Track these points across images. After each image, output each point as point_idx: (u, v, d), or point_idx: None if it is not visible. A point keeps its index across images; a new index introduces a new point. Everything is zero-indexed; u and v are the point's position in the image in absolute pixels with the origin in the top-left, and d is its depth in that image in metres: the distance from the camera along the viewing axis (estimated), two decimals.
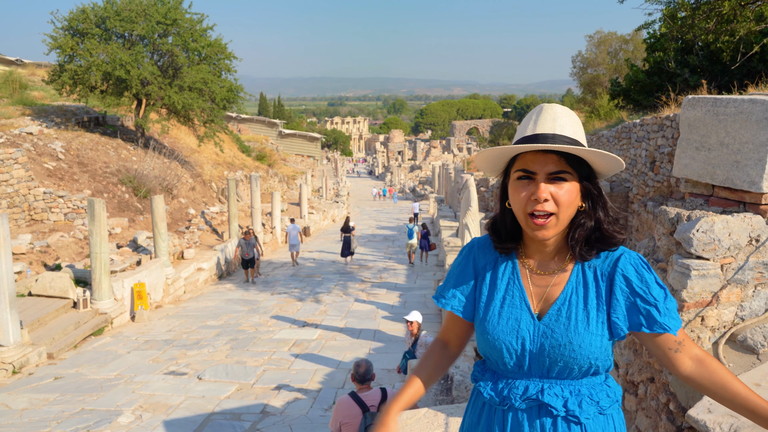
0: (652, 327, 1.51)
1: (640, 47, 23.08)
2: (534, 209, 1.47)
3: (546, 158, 1.48)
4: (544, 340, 1.54)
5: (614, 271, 1.55)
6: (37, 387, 7.97)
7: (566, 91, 66.27)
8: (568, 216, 1.51)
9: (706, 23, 9.99)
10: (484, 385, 1.66)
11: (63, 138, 17.07)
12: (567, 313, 1.54)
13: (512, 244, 1.65)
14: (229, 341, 10.09)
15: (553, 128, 1.50)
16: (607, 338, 1.54)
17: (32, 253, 12.13)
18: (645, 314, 1.51)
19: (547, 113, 1.53)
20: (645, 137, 9.04)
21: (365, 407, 4.33)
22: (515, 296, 1.61)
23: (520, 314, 1.58)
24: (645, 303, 1.52)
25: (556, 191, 1.47)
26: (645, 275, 1.54)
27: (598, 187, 1.55)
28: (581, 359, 1.51)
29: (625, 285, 1.54)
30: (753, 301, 3.12)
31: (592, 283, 1.56)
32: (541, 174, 1.47)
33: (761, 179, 3.03)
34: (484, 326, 1.62)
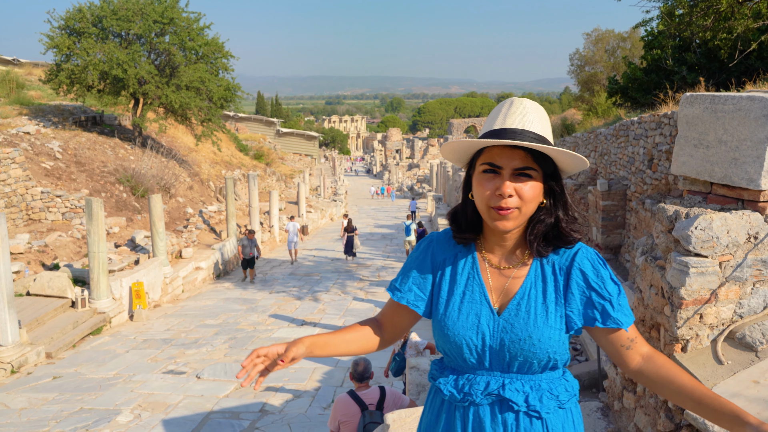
0: (606, 322, 1.52)
1: (637, 45, 23.08)
2: (498, 204, 1.47)
3: (513, 153, 1.47)
4: (504, 334, 1.54)
5: (571, 265, 1.56)
6: (35, 386, 7.96)
7: (564, 88, 66.32)
8: (530, 211, 1.51)
9: (704, 20, 10.00)
10: (444, 382, 1.63)
11: (60, 137, 17.04)
12: (526, 307, 1.54)
13: (471, 235, 1.64)
14: (228, 340, 10.08)
15: (522, 123, 1.49)
16: (565, 332, 1.55)
17: (30, 253, 12.11)
18: (600, 309, 1.53)
19: (517, 108, 1.52)
20: (643, 135, 9.04)
21: (364, 405, 4.33)
22: (475, 291, 1.61)
23: (480, 309, 1.58)
24: (600, 298, 1.53)
25: (520, 187, 1.47)
26: (601, 270, 1.55)
27: (561, 185, 1.56)
28: (541, 353, 1.52)
29: (582, 279, 1.55)
30: (751, 299, 3.13)
31: (550, 277, 1.57)
32: (507, 169, 1.47)
33: (759, 176, 3.03)
34: (444, 322, 1.61)
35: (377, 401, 4.38)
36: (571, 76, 28.06)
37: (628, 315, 1.54)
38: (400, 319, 1.76)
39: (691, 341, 3.13)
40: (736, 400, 2.63)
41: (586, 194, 11.21)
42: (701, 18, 9.97)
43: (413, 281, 1.70)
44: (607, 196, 9.96)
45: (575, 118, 24.72)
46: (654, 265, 3.44)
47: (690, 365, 3.01)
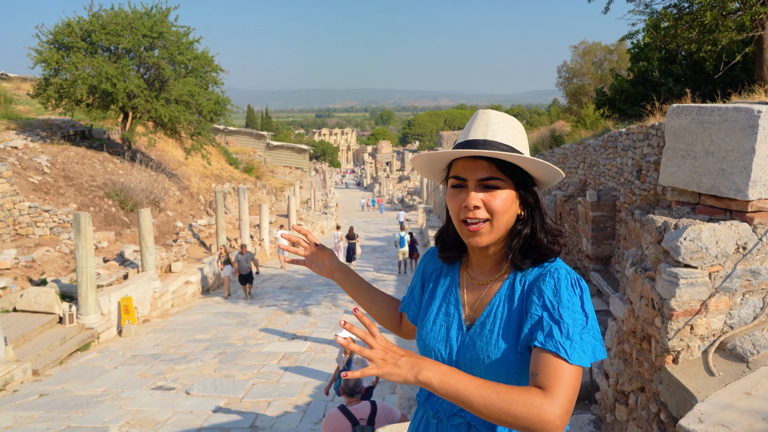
0: (546, 344, 1.34)
1: (624, 57, 23.32)
2: (466, 216, 1.45)
3: (476, 164, 1.45)
4: (467, 351, 1.51)
5: (534, 283, 1.46)
6: (21, 404, 7.83)
7: (552, 101, 66.83)
8: (504, 223, 1.46)
9: (689, 33, 10.12)
10: (419, 396, 1.65)
11: (48, 152, 16.93)
12: (490, 326, 1.49)
13: (455, 254, 1.65)
14: (218, 355, 9.99)
15: (485, 134, 1.48)
16: (527, 355, 1.42)
17: (17, 268, 11.97)
18: (545, 330, 1.36)
19: (481, 119, 1.51)
20: (631, 146, 9.10)
21: (354, 420, 4.29)
22: (450, 304, 1.61)
23: (452, 323, 1.57)
24: (550, 318, 1.37)
25: (488, 198, 1.44)
26: (562, 292, 1.40)
27: (536, 196, 1.51)
28: (499, 376, 1.43)
29: (537, 297, 1.42)
30: (741, 309, 3.13)
31: (518, 297, 1.48)
32: (471, 181, 1.45)
33: (747, 187, 3.05)
34: (419, 332, 1.64)
35: (368, 416, 4.34)
36: (560, 88, 28.31)
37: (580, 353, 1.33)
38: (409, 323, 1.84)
39: (683, 353, 3.12)
40: (729, 412, 2.62)
41: (576, 205, 11.26)
42: (686, 30, 10.09)
43: (412, 292, 1.79)
44: (597, 207, 10.01)
45: (564, 130, 24.89)
46: (644, 276, 3.44)
47: (681, 377, 3.00)
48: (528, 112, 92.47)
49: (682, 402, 2.94)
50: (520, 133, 1.53)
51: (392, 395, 7.73)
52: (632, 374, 3.66)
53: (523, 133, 1.55)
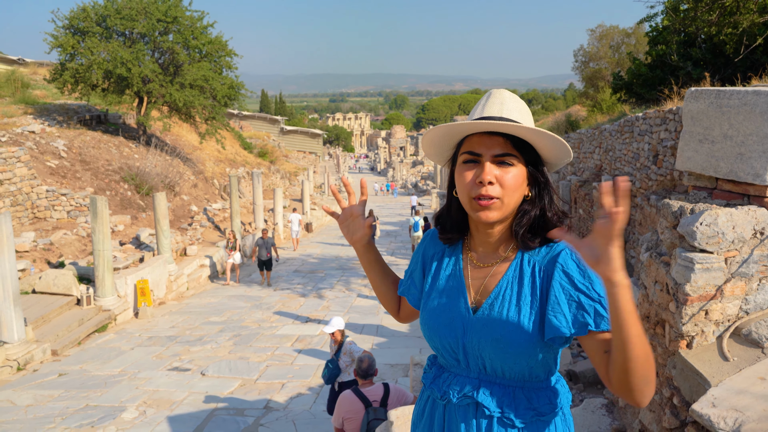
0: (600, 325, 1.37)
1: (642, 41, 22.98)
2: (479, 193, 1.42)
3: (492, 140, 1.45)
4: (476, 335, 1.49)
5: (554, 267, 1.45)
6: (41, 383, 7.99)
7: (568, 85, 66.11)
8: (514, 201, 1.46)
9: (709, 15, 9.94)
10: (425, 378, 1.66)
11: (65, 136, 17.08)
12: (499, 308, 1.48)
13: (456, 235, 1.62)
14: (232, 337, 10.10)
15: (500, 111, 1.48)
16: (539, 339, 1.43)
17: (36, 251, 12.15)
18: (592, 313, 1.38)
19: (495, 98, 1.52)
20: (648, 131, 9.00)
21: (368, 402, 4.33)
22: (454, 288, 1.58)
23: (457, 307, 1.55)
24: (589, 300, 1.39)
25: (501, 174, 1.43)
26: (587, 271, 1.42)
27: (546, 175, 1.52)
28: (510, 359, 1.44)
29: (567, 282, 1.42)
30: (758, 295, 3.11)
31: (528, 279, 1.48)
32: (486, 156, 1.44)
33: (765, 171, 3.01)
34: (423, 317, 1.62)
35: (381, 398, 4.38)
36: (576, 73, 27.98)
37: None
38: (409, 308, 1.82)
39: (697, 338, 3.11)
40: (742, 397, 2.61)
41: (591, 191, 11.18)
42: (706, 13, 9.91)
43: (412, 275, 1.74)
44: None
45: (580, 115, 24.65)
46: (659, 262, 3.43)
47: (695, 362, 2.99)
48: (543, 96, 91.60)
49: (695, 386, 2.93)
50: (529, 114, 1.53)
51: (405, 378, 7.78)
52: None
53: (531, 115, 1.55)
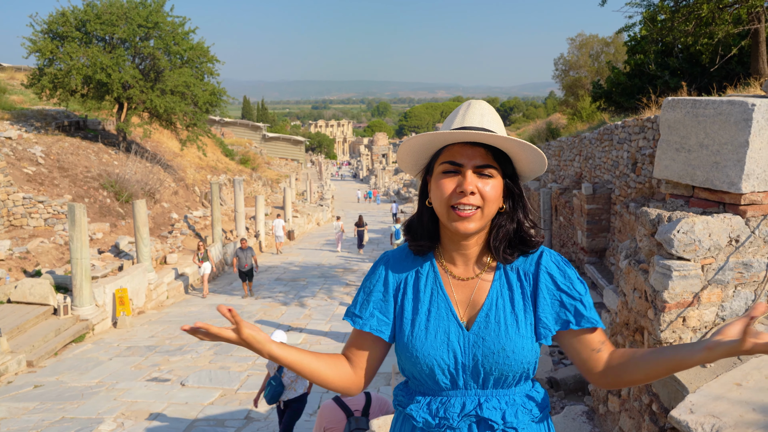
0: (580, 322, 1.48)
1: (621, 50, 23.32)
2: (459, 202, 1.41)
3: (474, 151, 1.44)
4: (476, 349, 1.46)
5: (538, 269, 1.52)
6: (16, 396, 7.83)
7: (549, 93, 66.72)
8: (491, 212, 1.46)
9: (685, 26, 10.12)
10: (416, 408, 1.52)
11: (43, 142, 16.85)
12: (495, 318, 1.48)
13: (427, 243, 1.56)
14: (213, 346, 10.00)
15: (481, 122, 1.47)
16: (535, 340, 1.49)
17: (11, 260, 11.93)
18: (572, 311, 1.48)
19: (476, 108, 1.50)
20: (627, 139, 9.12)
21: (349, 412, 4.30)
22: (441, 307, 1.52)
23: (448, 325, 1.49)
24: (570, 299, 1.49)
25: (481, 186, 1.42)
26: (567, 271, 1.52)
27: (520, 188, 1.52)
28: (515, 365, 1.46)
29: (551, 282, 1.50)
30: (733, 301, 3.15)
31: (516, 284, 1.51)
32: (468, 166, 1.43)
33: (740, 180, 3.05)
34: (411, 344, 1.50)
35: (363, 407, 4.35)
36: (556, 81, 28.31)
37: (597, 314, 1.50)
38: (368, 350, 1.59)
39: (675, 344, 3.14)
40: (719, 403, 2.64)
41: (571, 198, 11.28)
42: (683, 23, 10.09)
43: (374, 305, 1.58)
44: (592, 200, 10.03)
45: (560, 122, 24.89)
46: (638, 269, 3.46)
47: None
48: (524, 104, 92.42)
49: (673, 393, 2.96)
50: (503, 127, 1.54)
51: (387, 387, 7.76)
52: None
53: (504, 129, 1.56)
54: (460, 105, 1.56)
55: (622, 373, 1.45)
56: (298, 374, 1.52)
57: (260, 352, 1.44)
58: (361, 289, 1.65)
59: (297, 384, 5.85)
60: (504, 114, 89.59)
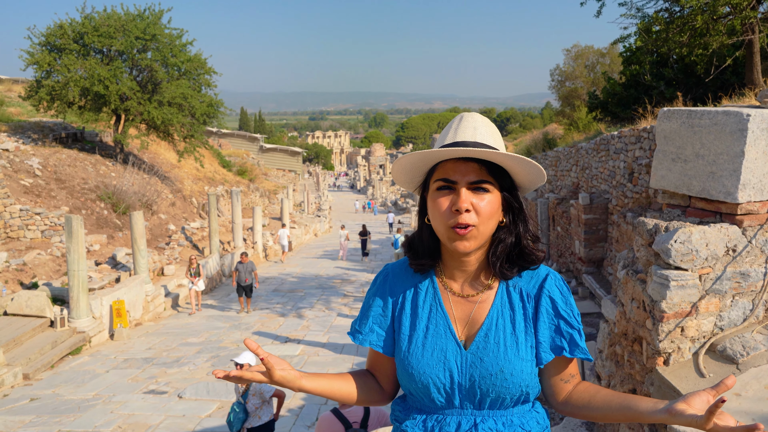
0: (574, 351, 1.46)
1: (616, 60, 23.46)
2: (456, 222, 1.38)
3: (467, 167, 1.40)
4: (473, 370, 1.44)
5: (540, 293, 1.49)
6: (12, 409, 7.78)
7: (545, 103, 67.05)
8: (489, 229, 1.42)
9: (680, 37, 10.19)
10: (411, 425, 1.50)
11: (40, 154, 16.85)
12: (495, 338, 1.45)
13: (428, 261, 1.54)
14: (211, 358, 9.95)
15: (474, 136, 1.44)
16: (536, 364, 1.47)
17: (8, 272, 11.90)
18: (568, 339, 1.47)
19: (468, 122, 1.47)
20: (623, 149, 9.15)
21: (348, 424, 4.28)
22: (439, 324, 1.50)
23: (446, 344, 1.47)
24: (568, 326, 1.47)
25: (477, 202, 1.39)
26: (570, 299, 1.50)
27: (519, 201, 1.49)
28: (513, 388, 1.43)
29: (551, 307, 1.48)
30: (731, 311, 3.15)
31: (518, 305, 1.49)
32: (461, 183, 1.39)
33: (736, 190, 3.07)
34: (407, 360, 1.49)
35: (361, 419, 4.33)
36: (552, 92, 28.45)
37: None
38: (383, 366, 1.63)
39: (673, 354, 3.14)
40: None
41: (568, 208, 11.30)
42: (677, 34, 10.16)
43: (373, 320, 1.59)
44: (589, 210, 10.05)
45: (557, 133, 25.00)
46: (635, 279, 3.46)
47: (672, 378, 3.02)
48: (521, 115, 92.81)
49: None
50: (500, 139, 1.51)
51: None
52: (624, 376, 3.68)
53: (501, 138, 1.53)
54: (454, 118, 1.53)
55: (582, 409, 1.47)
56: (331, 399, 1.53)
57: (291, 388, 1.44)
58: (363, 303, 1.64)
59: (262, 411, 5.58)
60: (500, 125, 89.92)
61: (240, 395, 5.53)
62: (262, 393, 5.49)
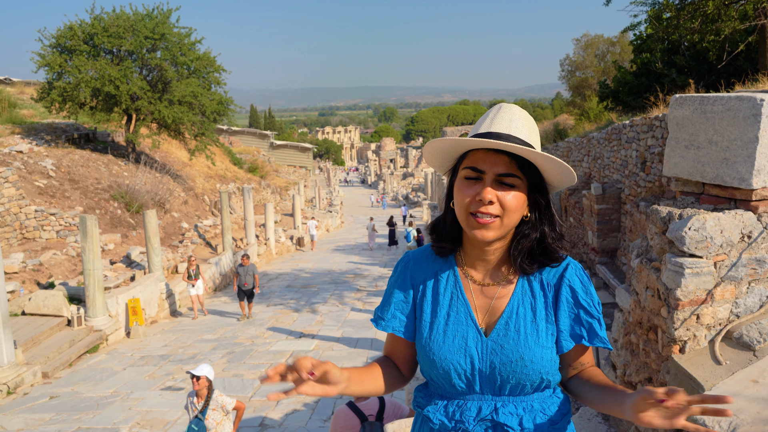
0: (593, 340, 1.47)
1: (627, 49, 23.26)
2: (478, 210, 1.39)
3: (497, 158, 1.40)
4: (494, 357, 1.46)
5: (561, 282, 1.49)
6: (32, 407, 7.89)
7: (555, 94, 66.65)
8: (513, 222, 1.43)
9: (691, 23, 10.08)
10: (433, 410, 1.53)
11: (53, 155, 17.01)
12: (515, 326, 1.46)
13: (449, 245, 1.56)
14: (226, 354, 10.03)
15: (508, 128, 1.43)
16: (556, 352, 1.49)
17: (25, 272, 12.04)
18: (587, 327, 1.48)
19: (505, 113, 1.46)
20: (635, 138, 9.08)
21: (363, 417, 4.30)
22: (460, 312, 1.51)
23: (467, 331, 1.49)
24: (588, 316, 1.48)
25: (502, 195, 1.39)
26: (590, 288, 1.50)
27: (548, 199, 1.49)
28: (533, 375, 1.44)
29: (571, 296, 1.49)
30: (747, 298, 3.13)
31: (539, 293, 1.50)
32: (489, 174, 1.40)
33: (751, 176, 3.04)
34: (429, 346, 1.51)
35: (377, 412, 4.35)
36: (563, 82, 28.26)
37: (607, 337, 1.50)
38: (403, 351, 1.65)
39: (689, 342, 3.12)
40: (736, 400, 2.62)
41: (581, 198, 11.24)
42: (689, 21, 10.05)
43: (395, 306, 1.61)
44: (602, 200, 9.99)
45: (568, 123, 24.84)
46: (649, 267, 3.44)
47: (688, 366, 3.01)
48: (531, 105, 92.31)
49: (689, 391, 2.94)
50: (536, 133, 1.50)
51: (400, 391, 7.75)
52: (639, 365, 3.67)
53: (538, 133, 1.51)
54: (491, 107, 1.53)
55: (579, 395, 1.53)
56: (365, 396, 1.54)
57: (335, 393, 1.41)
58: (386, 290, 1.67)
59: (223, 427, 5.29)
60: None
61: (199, 411, 5.18)
62: (224, 406, 5.26)
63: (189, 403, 5.26)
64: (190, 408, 5.23)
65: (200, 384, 5.16)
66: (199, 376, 5.17)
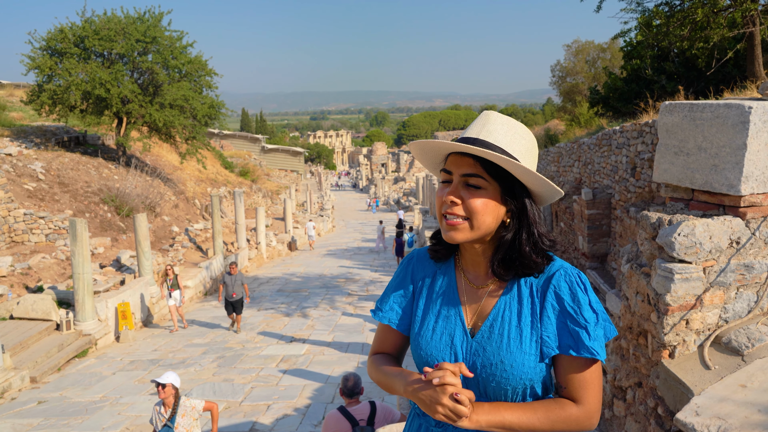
0: (580, 351, 1.41)
1: (617, 55, 23.43)
2: (447, 211, 1.44)
3: (462, 160, 1.44)
4: (476, 358, 1.47)
5: (547, 287, 1.47)
6: (20, 412, 7.81)
7: (546, 99, 66.90)
8: (484, 225, 1.43)
9: (681, 30, 10.17)
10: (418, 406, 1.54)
11: (43, 158, 16.90)
12: (500, 329, 1.47)
13: (443, 249, 1.61)
14: (216, 359, 9.98)
15: (479, 133, 1.45)
16: (539, 359, 1.45)
17: (13, 276, 11.94)
18: (575, 336, 1.43)
19: (481, 118, 1.50)
20: (625, 144, 9.14)
21: (354, 421, 4.29)
22: (450, 310, 1.55)
23: (454, 329, 1.52)
24: (575, 324, 1.43)
25: (468, 196, 1.42)
26: (578, 295, 1.45)
27: (522, 205, 1.47)
28: (514, 380, 1.43)
29: (556, 302, 1.46)
30: (736, 303, 3.16)
31: (527, 299, 1.48)
32: (456, 175, 1.44)
33: (739, 182, 3.07)
34: (417, 341, 1.56)
35: (368, 416, 4.34)
36: (553, 87, 28.40)
37: (603, 348, 1.43)
38: (395, 342, 1.69)
39: (679, 347, 3.14)
40: (725, 405, 2.64)
41: (571, 204, 11.30)
42: (678, 28, 10.14)
43: (394, 300, 1.67)
44: (592, 205, 10.05)
45: (558, 129, 24.96)
46: (639, 273, 3.47)
47: (678, 371, 3.03)
48: (522, 111, 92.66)
49: (678, 396, 2.96)
50: (523, 141, 1.48)
51: (391, 396, 7.74)
52: (629, 370, 3.69)
53: (529, 142, 1.49)
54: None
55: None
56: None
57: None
58: (389, 284, 1.74)
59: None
60: None
61: (167, 420, 5.03)
62: (194, 408, 5.17)
63: (156, 414, 5.10)
64: (157, 418, 5.07)
65: (166, 392, 5.03)
66: (165, 384, 5.03)
